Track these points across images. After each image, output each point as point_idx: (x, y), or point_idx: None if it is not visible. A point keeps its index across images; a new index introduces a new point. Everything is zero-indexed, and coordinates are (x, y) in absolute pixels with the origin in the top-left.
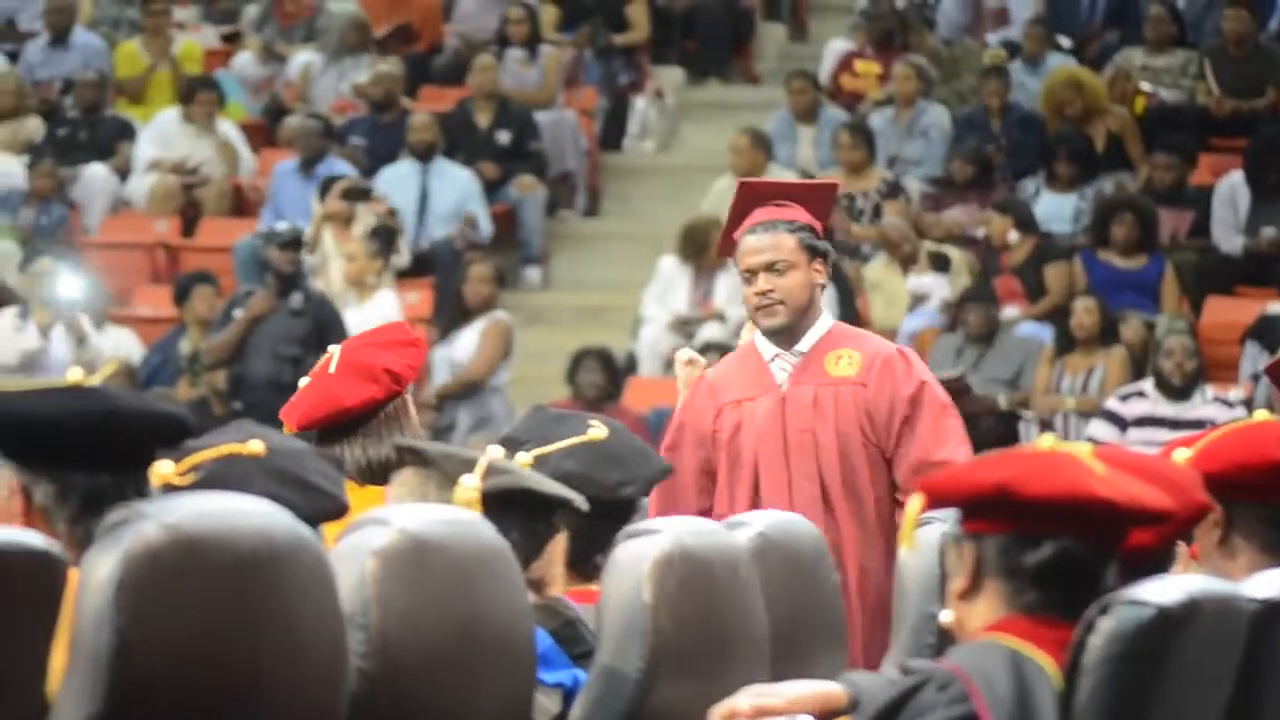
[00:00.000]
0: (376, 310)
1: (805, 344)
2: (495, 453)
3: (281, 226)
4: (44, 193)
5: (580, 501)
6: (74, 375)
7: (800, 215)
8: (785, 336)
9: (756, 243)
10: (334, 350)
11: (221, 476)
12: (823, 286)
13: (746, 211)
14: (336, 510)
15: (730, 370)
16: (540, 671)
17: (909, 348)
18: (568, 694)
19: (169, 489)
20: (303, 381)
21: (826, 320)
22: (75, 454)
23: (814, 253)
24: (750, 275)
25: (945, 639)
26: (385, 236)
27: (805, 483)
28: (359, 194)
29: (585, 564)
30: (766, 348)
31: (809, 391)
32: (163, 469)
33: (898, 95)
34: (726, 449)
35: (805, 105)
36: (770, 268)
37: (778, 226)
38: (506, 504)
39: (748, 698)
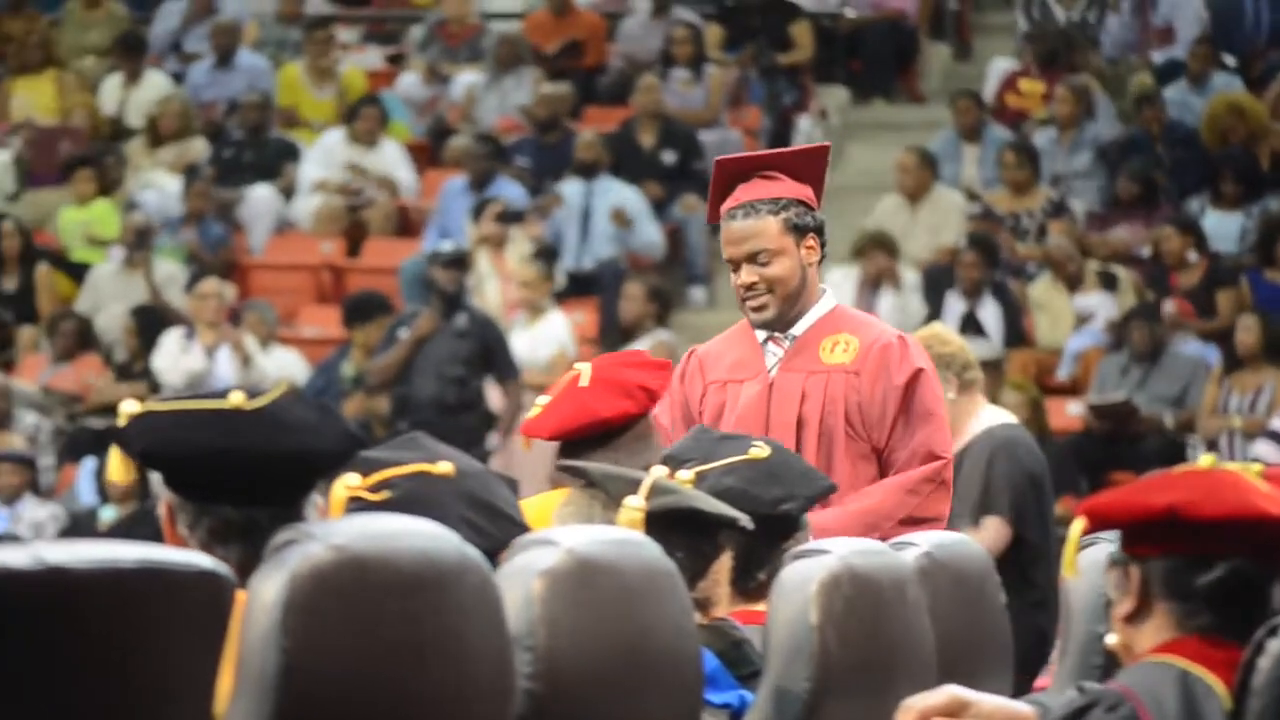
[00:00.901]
0: (548, 331)
1: (800, 327)
2: (659, 472)
3: (446, 246)
4: (200, 213)
5: (745, 520)
6: (235, 396)
7: (785, 189)
8: (776, 323)
9: (738, 230)
10: (581, 367)
11: (417, 498)
12: (819, 262)
13: (728, 190)
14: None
15: (722, 349)
16: (707, 693)
17: (909, 337)
18: (735, 715)
19: (357, 502)
20: (542, 399)
21: (827, 302)
22: (231, 490)
23: (802, 230)
24: (734, 265)
25: (1113, 660)
26: (548, 257)
27: None
28: (513, 217)
29: (748, 582)
30: (760, 329)
31: (798, 380)
32: (349, 481)
33: (1060, 117)
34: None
35: (970, 124)
36: (753, 259)
37: (759, 209)
38: (672, 524)
39: (950, 690)
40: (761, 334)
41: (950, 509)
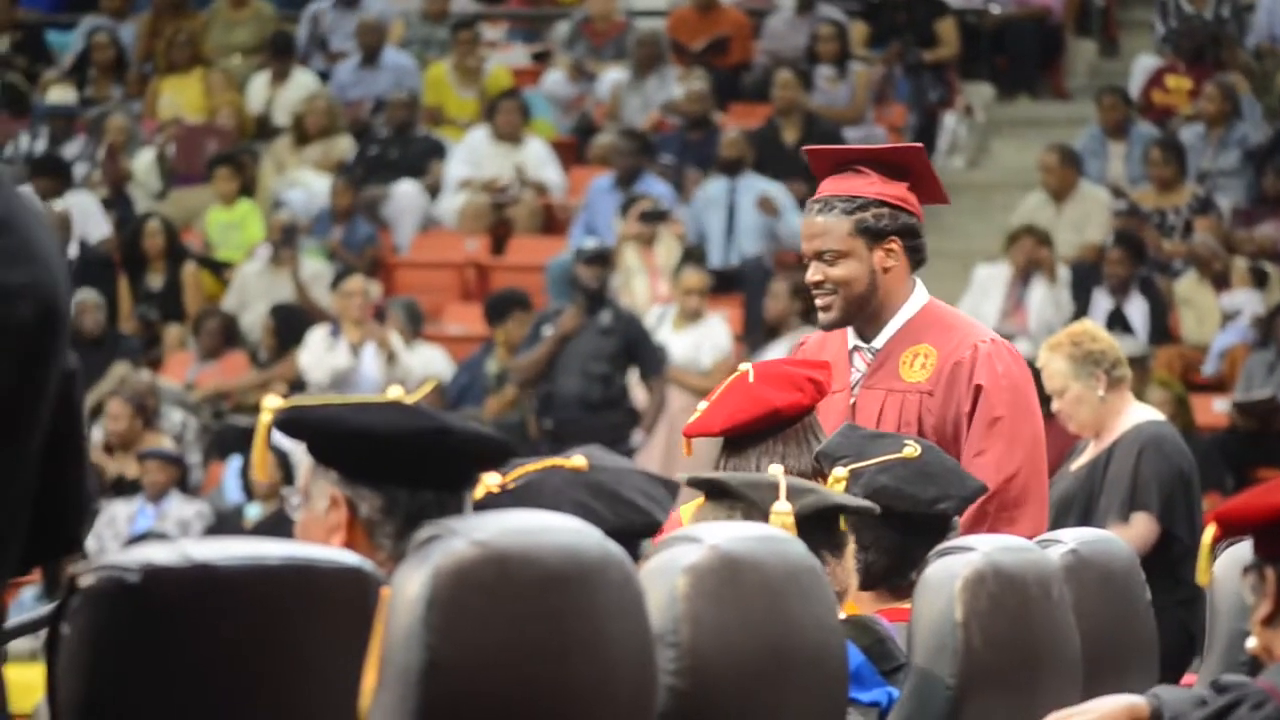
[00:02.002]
0: (709, 334)
1: (881, 339)
2: (776, 470)
3: (590, 243)
4: (344, 211)
5: (876, 509)
6: (394, 392)
7: (869, 187)
8: (861, 327)
9: (809, 226)
10: (746, 366)
11: (536, 486)
12: (899, 267)
13: (823, 178)
14: (646, 527)
15: (818, 350)
16: (853, 690)
17: (1003, 341)
18: (883, 713)
19: (489, 497)
20: (702, 405)
21: (912, 307)
22: (405, 470)
23: (879, 234)
24: (806, 260)
25: (1258, 659)
26: (699, 260)
27: None
28: (657, 216)
29: (899, 581)
30: (851, 335)
31: (878, 399)
32: (491, 481)
33: (1207, 115)
34: None
35: (1115, 121)
36: (819, 256)
37: (834, 206)
38: (813, 521)
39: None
40: (851, 341)
41: (1035, 528)
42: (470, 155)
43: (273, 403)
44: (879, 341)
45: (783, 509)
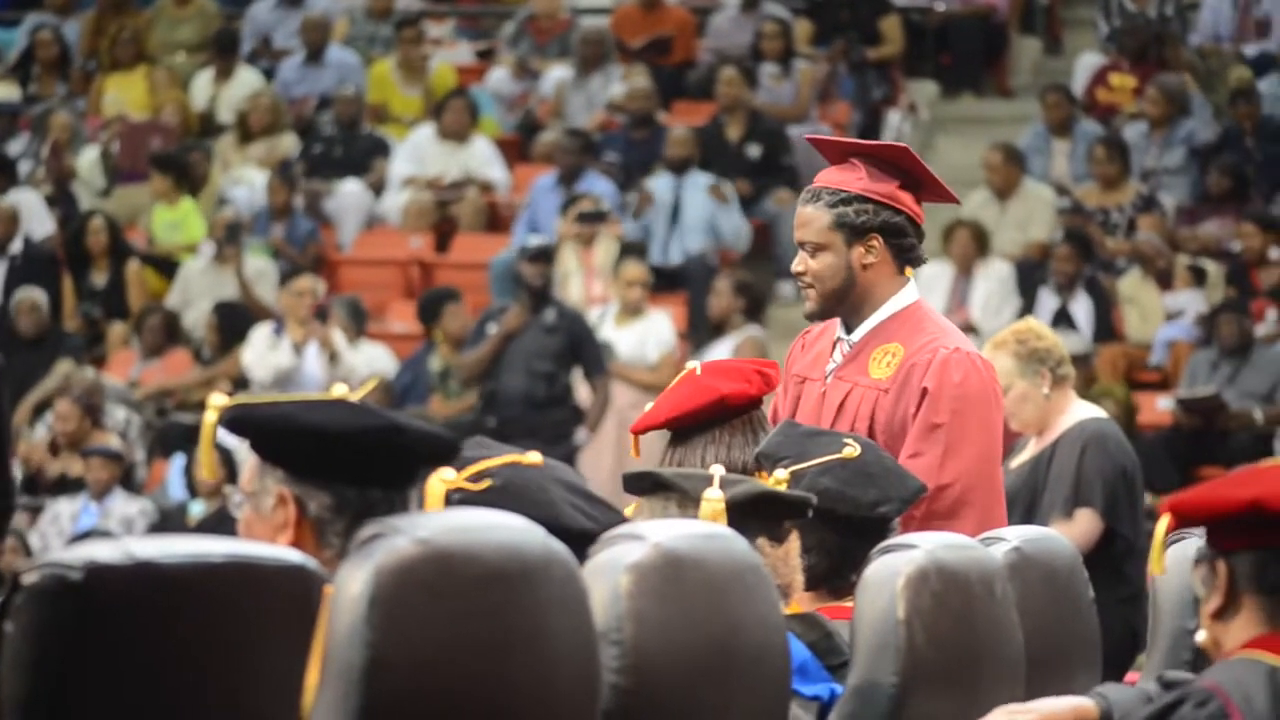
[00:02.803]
0: (653, 330)
1: (858, 333)
2: (719, 470)
3: (533, 240)
4: (285, 208)
5: (811, 499)
6: (339, 391)
7: (856, 182)
8: (846, 319)
9: (798, 215)
10: (693, 364)
11: (518, 484)
12: (881, 265)
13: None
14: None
15: (813, 340)
16: (797, 683)
17: (972, 354)
18: (824, 707)
19: (459, 494)
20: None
21: (895, 305)
22: (354, 468)
23: (859, 230)
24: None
25: (1202, 655)
26: (640, 254)
27: None
28: (596, 217)
29: (838, 582)
30: (839, 325)
31: (843, 391)
32: (446, 475)
33: (1152, 116)
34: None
35: (1060, 119)
36: (803, 246)
37: (820, 198)
38: (748, 512)
39: (1002, 714)
40: (838, 330)
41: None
42: (415, 153)
43: (219, 400)
44: (856, 335)
45: (713, 495)
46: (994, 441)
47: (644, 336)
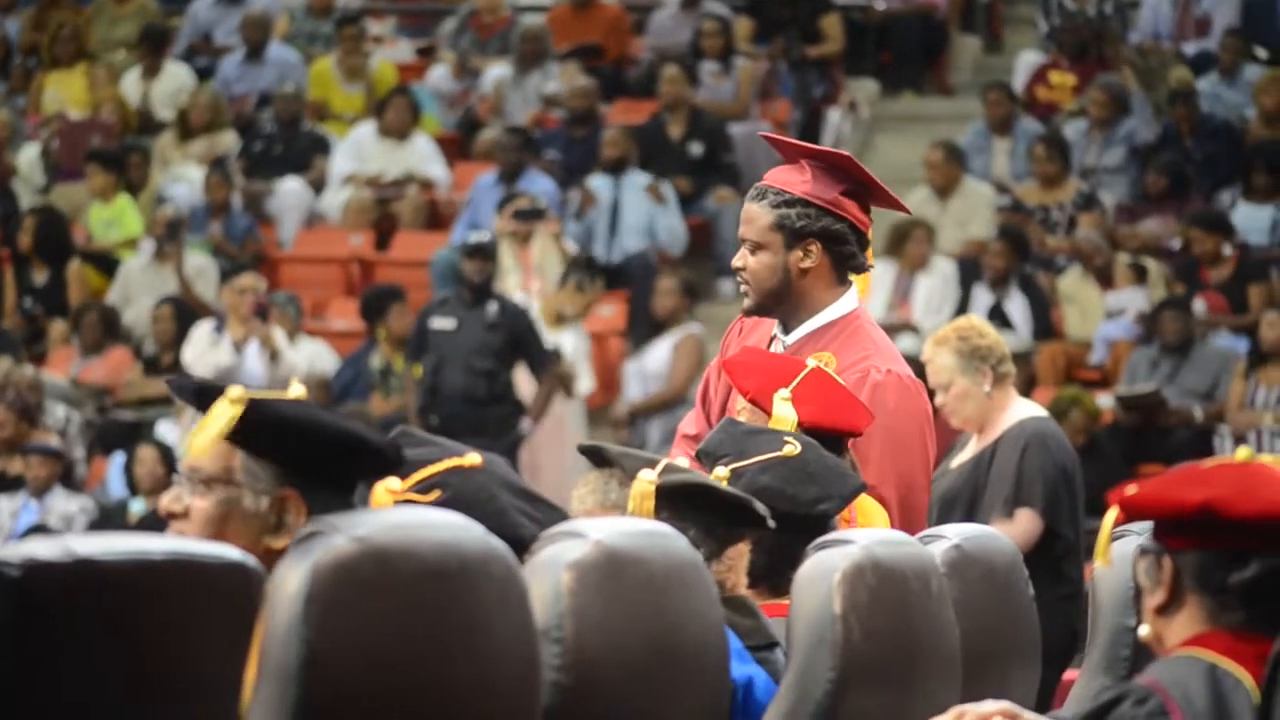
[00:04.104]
0: (565, 343)
1: (794, 336)
2: (681, 461)
3: (473, 236)
4: (219, 204)
5: (761, 508)
6: (296, 390)
7: (802, 185)
8: (783, 319)
9: (744, 210)
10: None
11: (469, 492)
12: (819, 270)
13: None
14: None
15: (753, 326)
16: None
17: (904, 377)
18: (742, 689)
19: (406, 506)
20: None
21: (833, 312)
22: (351, 472)
23: (798, 234)
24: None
25: (1141, 652)
26: (586, 268)
27: None
28: (533, 214)
29: (777, 579)
30: (777, 324)
31: None
32: (390, 485)
33: (1093, 116)
34: (715, 407)
35: (1000, 117)
36: (744, 242)
37: (766, 196)
38: (684, 503)
39: (1001, 706)
40: (775, 329)
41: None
42: (356, 151)
43: (236, 393)
44: (791, 338)
45: (646, 477)
46: (917, 469)
47: (561, 341)
